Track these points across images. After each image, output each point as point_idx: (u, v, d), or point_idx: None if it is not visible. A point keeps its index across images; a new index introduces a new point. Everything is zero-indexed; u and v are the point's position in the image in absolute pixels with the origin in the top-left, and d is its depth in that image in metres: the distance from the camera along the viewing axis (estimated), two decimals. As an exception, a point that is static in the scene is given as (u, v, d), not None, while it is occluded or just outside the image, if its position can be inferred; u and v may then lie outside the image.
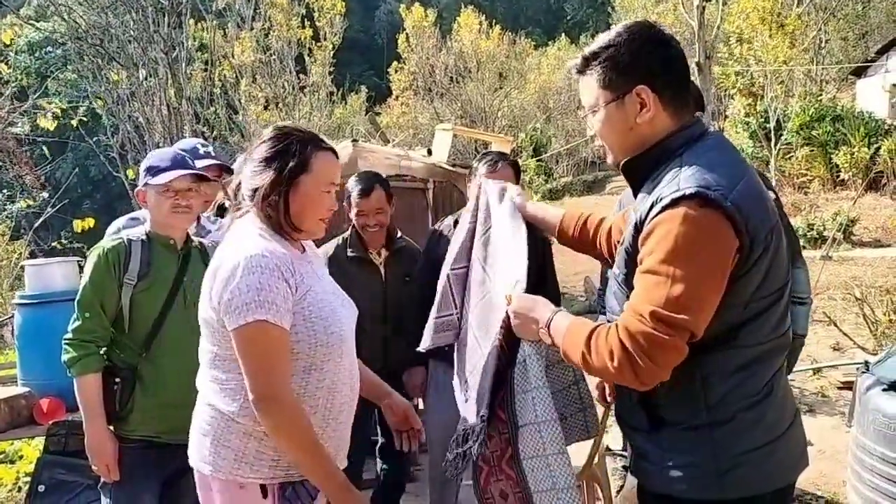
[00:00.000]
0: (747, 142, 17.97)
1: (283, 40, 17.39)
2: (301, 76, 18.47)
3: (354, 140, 5.97)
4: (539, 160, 25.87)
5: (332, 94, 20.39)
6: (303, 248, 2.13)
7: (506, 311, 1.94)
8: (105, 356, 2.58)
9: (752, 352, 1.67)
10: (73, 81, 14.44)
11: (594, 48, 1.77)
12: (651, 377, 1.58)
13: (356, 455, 2.49)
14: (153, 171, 2.61)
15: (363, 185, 3.39)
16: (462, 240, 2.44)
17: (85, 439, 2.54)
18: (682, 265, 1.54)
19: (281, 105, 16.89)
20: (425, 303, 2.65)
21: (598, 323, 1.72)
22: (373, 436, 3.69)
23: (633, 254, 1.68)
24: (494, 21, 29.14)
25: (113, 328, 2.58)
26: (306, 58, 18.81)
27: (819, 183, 17.10)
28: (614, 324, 1.64)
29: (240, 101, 16.33)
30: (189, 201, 2.63)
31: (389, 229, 3.57)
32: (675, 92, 1.74)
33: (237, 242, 1.95)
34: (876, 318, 6.63)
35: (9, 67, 11.07)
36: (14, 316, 3.99)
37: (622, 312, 1.65)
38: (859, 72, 22.31)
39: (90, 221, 6.97)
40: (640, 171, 1.78)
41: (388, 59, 29.99)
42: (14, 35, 9.66)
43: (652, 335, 1.54)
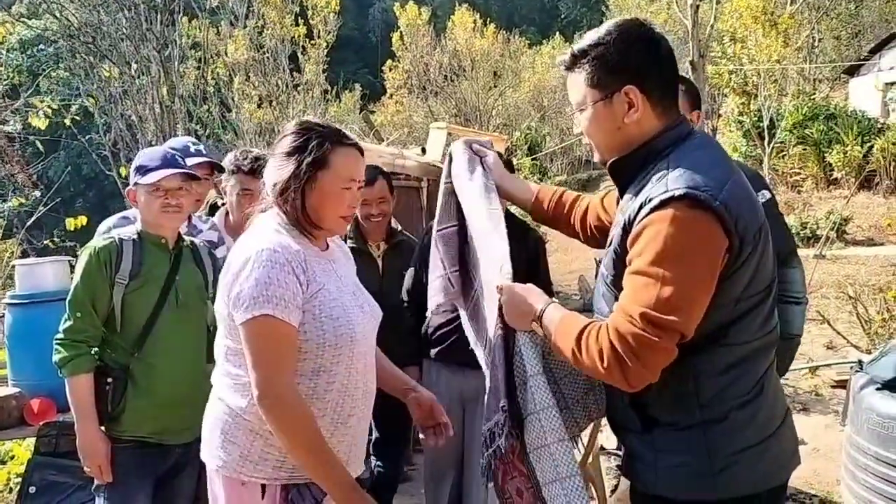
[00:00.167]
0: (741, 140, 17.98)
1: (277, 38, 17.29)
2: (295, 74, 18.39)
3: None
4: (534, 159, 25.85)
5: (326, 92, 20.31)
6: (326, 246, 2.11)
7: (498, 300, 1.92)
8: (96, 356, 2.56)
9: (742, 350, 1.67)
10: (66, 79, 14.36)
11: (583, 45, 1.76)
12: (639, 379, 1.58)
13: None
14: (143, 170, 2.59)
15: (367, 176, 3.37)
16: (442, 203, 2.36)
17: (76, 440, 2.52)
18: (671, 266, 1.54)
19: (275, 103, 16.81)
20: (416, 299, 2.63)
21: (590, 320, 1.71)
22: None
23: (621, 255, 1.67)
24: (489, 19, 29.12)
25: (104, 328, 2.56)
26: (300, 56, 18.73)
27: (812, 181, 17.13)
28: (604, 324, 1.63)
29: (233, 99, 16.25)
30: (179, 200, 2.61)
31: (389, 223, 3.57)
32: (663, 92, 1.73)
33: (252, 236, 1.96)
34: (869, 316, 6.65)
35: (0, 65, 11.02)
36: (4, 316, 3.97)
37: (611, 313, 1.65)
38: (852, 71, 22.35)
39: (83, 220, 6.92)
40: (626, 171, 1.78)
41: (382, 58, 29.94)
42: (6, 33, 9.61)
43: (641, 337, 1.54)
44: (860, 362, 3.89)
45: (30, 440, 3.47)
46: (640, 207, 1.61)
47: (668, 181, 1.59)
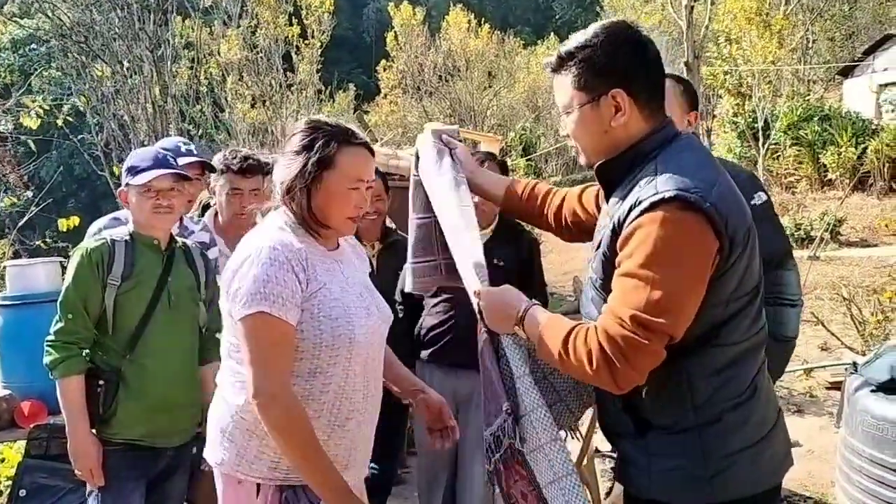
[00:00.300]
0: (735, 142, 18.03)
1: (271, 38, 17.25)
2: (289, 74, 18.36)
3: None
4: (528, 159, 25.87)
5: (319, 92, 20.29)
6: (336, 245, 2.09)
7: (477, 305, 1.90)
8: (88, 358, 2.53)
9: (733, 351, 1.67)
10: (58, 79, 14.32)
11: (570, 47, 1.74)
12: (627, 380, 1.58)
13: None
14: (134, 170, 2.57)
15: None
16: (413, 194, 2.32)
17: (67, 443, 2.50)
18: (662, 268, 1.53)
19: (268, 103, 16.78)
20: (410, 299, 2.61)
21: (575, 322, 1.70)
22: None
23: (611, 257, 1.67)
24: (483, 20, 29.17)
25: (96, 330, 2.54)
26: (294, 56, 18.71)
27: (807, 183, 17.18)
28: (593, 326, 1.63)
29: (226, 99, 16.21)
30: (171, 201, 2.59)
31: (384, 223, 3.55)
32: (650, 94, 1.73)
33: (256, 234, 1.96)
34: (863, 318, 6.65)
35: (-8, 65, 10.98)
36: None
37: (600, 315, 1.64)
38: (846, 72, 22.44)
39: (75, 220, 6.88)
40: (613, 173, 1.77)
41: (376, 58, 29.96)
42: (-2, 32, 9.56)
43: (631, 339, 1.54)
44: (855, 364, 3.89)
45: (20, 443, 3.44)
46: (631, 209, 1.60)
47: (658, 183, 1.58)
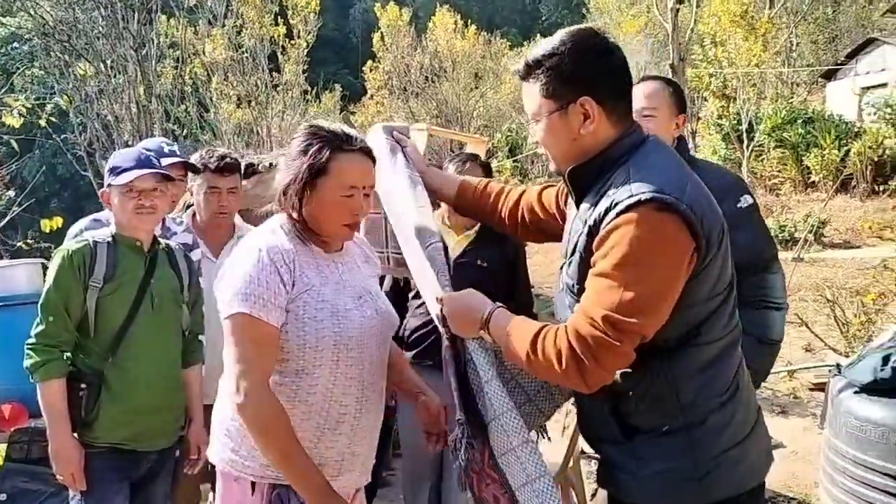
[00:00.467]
0: (720, 144, 18.13)
1: (256, 38, 17.22)
2: (274, 74, 18.34)
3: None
4: (515, 160, 25.91)
5: (305, 92, 20.28)
6: (340, 247, 2.07)
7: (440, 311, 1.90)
8: (69, 361, 2.49)
9: (714, 348, 1.69)
10: (40, 78, 14.20)
11: (537, 55, 1.74)
12: (597, 380, 1.59)
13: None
14: (116, 171, 2.53)
15: None
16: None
17: (49, 447, 2.46)
18: (636, 269, 1.54)
19: (254, 103, 16.73)
20: (394, 300, 2.60)
21: (543, 323, 1.70)
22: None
23: (587, 258, 1.67)
24: (470, 21, 29.21)
25: (78, 332, 2.50)
26: (279, 56, 18.69)
27: (790, 185, 17.29)
28: (562, 326, 1.63)
29: (211, 99, 16.15)
30: (153, 202, 2.55)
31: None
32: (617, 101, 1.73)
33: (250, 235, 1.99)
34: (847, 319, 6.69)
35: (-26, 63, 10.88)
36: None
37: (572, 315, 1.65)
38: (829, 75, 22.63)
39: (58, 221, 6.81)
40: (583, 179, 1.77)
41: (362, 58, 29.94)
42: (-21, 30, 9.47)
43: (601, 339, 1.54)
44: (838, 366, 3.91)
45: (1, 446, 3.40)
46: (607, 211, 1.60)
47: (633, 186, 1.59)
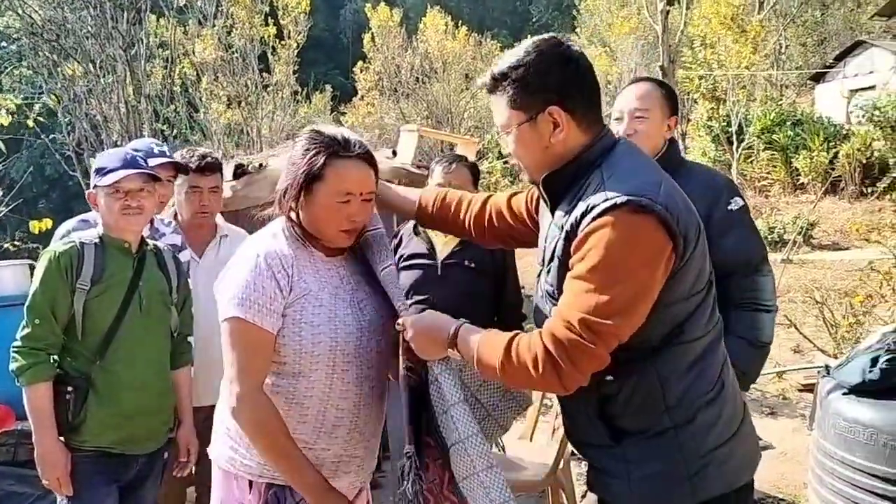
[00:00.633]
0: (710, 145, 18.20)
1: (246, 38, 17.16)
2: (264, 75, 18.29)
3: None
4: (505, 162, 25.90)
5: (296, 93, 20.23)
6: (342, 251, 2.05)
7: (402, 336, 1.88)
8: (56, 364, 2.47)
9: (698, 346, 1.70)
10: (28, 77, 14.11)
11: (503, 68, 1.75)
12: (573, 382, 1.59)
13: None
14: (102, 171, 2.51)
15: None
16: None
17: (35, 451, 2.43)
18: (613, 272, 1.54)
19: (244, 104, 16.67)
20: None
21: (513, 332, 1.71)
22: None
23: (565, 261, 1.67)
24: (460, 22, 29.19)
25: (65, 335, 2.47)
26: (270, 56, 18.63)
27: (780, 186, 17.37)
28: (537, 331, 1.64)
29: (201, 99, 16.09)
30: (140, 202, 2.52)
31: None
32: (586, 107, 1.73)
33: (250, 239, 1.99)
34: (835, 321, 6.72)
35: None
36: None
37: (549, 318, 1.65)
38: (818, 77, 22.76)
39: (47, 222, 6.76)
40: (557, 185, 1.77)
41: (353, 59, 29.89)
42: (-34, 29, 9.41)
43: (577, 342, 1.55)
44: (827, 367, 3.92)
45: (-13, 449, 3.38)
46: (583, 216, 1.61)
47: (607, 190, 1.60)
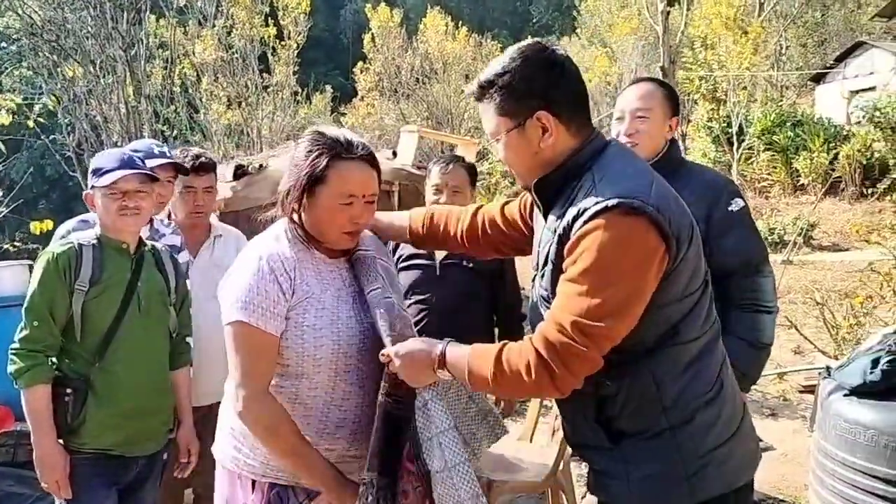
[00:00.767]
0: (710, 146, 18.21)
1: (246, 38, 17.16)
2: (264, 75, 18.29)
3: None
4: (505, 162, 25.92)
5: (296, 93, 20.22)
6: (344, 253, 2.04)
7: (387, 367, 1.85)
8: (55, 366, 2.46)
9: (694, 347, 1.70)
10: (28, 78, 14.11)
11: (489, 75, 1.75)
12: (567, 385, 1.60)
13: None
14: (100, 172, 2.49)
15: None
16: None
17: (33, 454, 2.42)
18: (606, 274, 1.55)
19: (244, 104, 16.67)
20: None
21: (501, 343, 1.71)
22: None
23: (558, 265, 1.67)
24: (461, 22, 29.16)
25: (63, 336, 2.46)
26: (270, 57, 18.63)
27: (780, 187, 17.39)
28: (528, 337, 1.65)
29: (201, 99, 16.09)
30: (138, 203, 2.51)
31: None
32: (574, 111, 1.74)
33: (253, 242, 1.99)
34: (836, 322, 6.71)
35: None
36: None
37: (542, 322, 1.65)
38: (818, 78, 22.77)
39: (48, 223, 6.76)
40: (549, 189, 1.77)
41: (353, 59, 29.86)
42: (-34, 30, 9.42)
43: (570, 346, 1.56)
44: (828, 368, 3.91)
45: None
46: (575, 219, 1.61)
47: (598, 193, 1.60)
